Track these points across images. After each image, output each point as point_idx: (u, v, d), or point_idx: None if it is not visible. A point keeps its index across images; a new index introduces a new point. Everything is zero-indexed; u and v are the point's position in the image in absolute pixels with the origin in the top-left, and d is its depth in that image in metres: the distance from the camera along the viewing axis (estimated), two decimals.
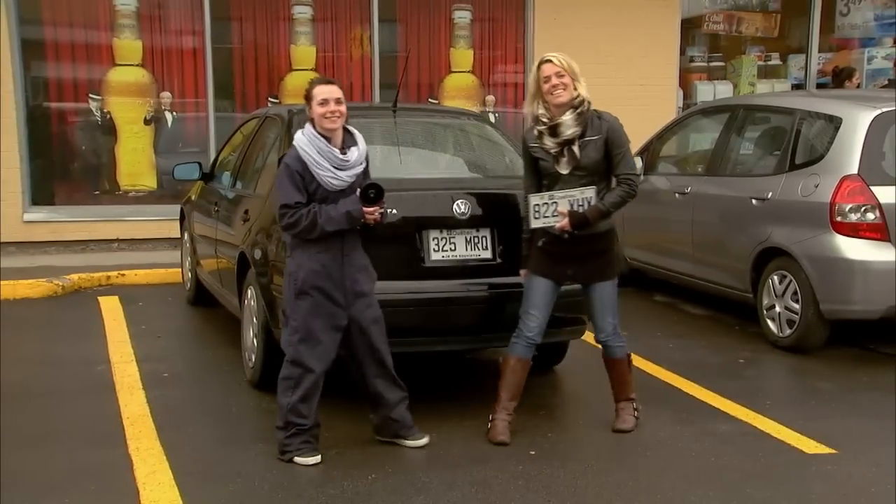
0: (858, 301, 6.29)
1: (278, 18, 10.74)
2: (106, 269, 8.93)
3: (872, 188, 6.24)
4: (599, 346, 5.07)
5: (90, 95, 10.27)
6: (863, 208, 6.24)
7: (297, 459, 4.51)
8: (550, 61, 4.71)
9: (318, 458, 4.52)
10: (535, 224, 4.82)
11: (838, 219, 6.28)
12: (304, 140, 4.46)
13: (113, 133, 10.41)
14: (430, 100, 11.11)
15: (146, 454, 4.62)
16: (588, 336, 5.88)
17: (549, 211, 4.76)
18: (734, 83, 12.33)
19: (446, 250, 5.18)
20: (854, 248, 6.25)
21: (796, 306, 6.51)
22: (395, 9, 11.04)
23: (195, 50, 10.44)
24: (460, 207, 5.19)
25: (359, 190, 4.49)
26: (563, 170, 4.72)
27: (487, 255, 5.27)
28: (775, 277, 6.72)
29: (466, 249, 5.23)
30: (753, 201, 6.98)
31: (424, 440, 4.78)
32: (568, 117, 4.69)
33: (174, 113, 10.58)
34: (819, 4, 12.18)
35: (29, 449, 4.72)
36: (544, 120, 4.74)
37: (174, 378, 5.96)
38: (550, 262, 4.85)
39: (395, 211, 4.86)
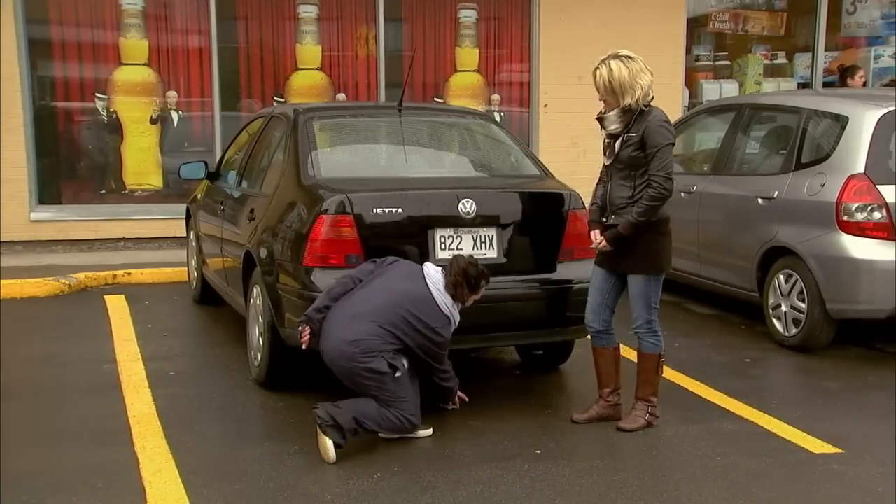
0: (865, 300, 6.28)
1: (284, 18, 10.75)
2: (112, 268, 8.95)
3: (879, 187, 6.23)
4: None
5: (96, 95, 10.29)
6: (869, 207, 6.23)
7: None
8: (594, 75, 4.93)
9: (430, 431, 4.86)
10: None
11: (845, 218, 6.27)
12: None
13: (119, 132, 10.43)
14: (435, 99, 11.11)
15: (152, 452, 4.63)
16: None
17: (455, 244, 5.17)
18: (740, 82, 12.31)
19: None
20: (860, 248, 6.23)
21: (802, 306, 6.50)
22: (401, 8, 11.04)
23: (201, 49, 10.46)
24: (466, 206, 5.19)
25: None
26: (607, 161, 4.98)
27: (493, 254, 5.27)
28: (781, 277, 6.71)
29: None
30: (759, 200, 6.97)
31: (429, 431, 4.86)
32: (612, 114, 4.92)
33: (180, 112, 10.59)
34: (825, 3, 12.14)
35: (35, 447, 4.73)
36: (601, 112, 4.99)
37: (180, 377, 5.97)
38: (606, 252, 5.00)
39: None
